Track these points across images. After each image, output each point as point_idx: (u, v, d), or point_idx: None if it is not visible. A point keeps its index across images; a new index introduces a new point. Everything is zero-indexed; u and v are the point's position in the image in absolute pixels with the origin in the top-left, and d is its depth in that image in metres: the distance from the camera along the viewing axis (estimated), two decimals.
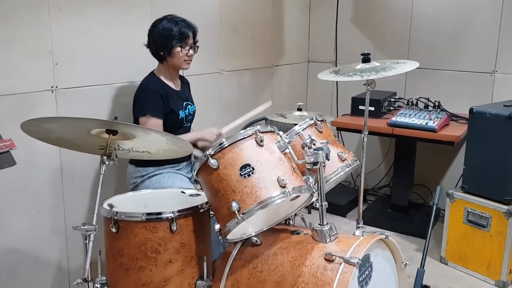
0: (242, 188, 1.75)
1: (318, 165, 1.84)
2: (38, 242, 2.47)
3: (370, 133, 2.95)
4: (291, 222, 2.17)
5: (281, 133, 1.94)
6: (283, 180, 1.75)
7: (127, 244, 1.90)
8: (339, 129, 3.62)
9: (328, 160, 1.90)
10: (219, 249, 2.25)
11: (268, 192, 1.73)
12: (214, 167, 1.79)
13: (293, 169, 1.84)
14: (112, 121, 1.68)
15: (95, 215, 1.71)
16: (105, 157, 1.76)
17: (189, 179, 2.61)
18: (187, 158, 2.67)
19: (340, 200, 3.90)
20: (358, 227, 2.44)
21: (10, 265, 2.35)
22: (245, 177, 1.76)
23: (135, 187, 2.51)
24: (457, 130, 3.22)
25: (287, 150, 1.86)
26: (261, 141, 1.82)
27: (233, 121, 2.75)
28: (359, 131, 3.47)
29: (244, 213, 1.72)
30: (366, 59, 2.34)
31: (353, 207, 3.98)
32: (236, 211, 1.72)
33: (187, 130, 2.69)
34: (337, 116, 4.13)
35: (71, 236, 2.61)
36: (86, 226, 1.67)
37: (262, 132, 1.84)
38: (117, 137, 1.79)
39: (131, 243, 1.90)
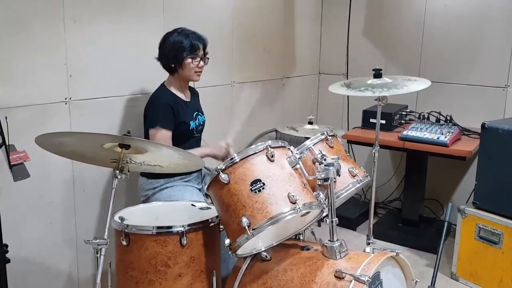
0: (252, 204, 1.75)
1: (329, 181, 1.84)
2: (50, 252, 2.49)
3: (381, 146, 2.94)
4: (301, 237, 2.16)
5: (292, 148, 1.94)
6: (293, 196, 1.75)
7: (138, 257, 1.91)
8: (350, 142, 3.60)
9: (339, 176, 1.90)
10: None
11: (279, 208, 1.73)
12: (225, 182, 1.80)
13: (304, 185, 1.84)
14: (125, 137, 1.69)
15: (106, 229, 1.71)
16: (117, 171, 1.78)
17: (199, 190, 2.62)
18: (198, 169, 2.68)
19: (350, 213, 3.88)
20: (369, 243, 2.43)
21: (22, 274, 2.36)
22: (255, 192, 1.76)
23: (146, 199, 2.53)
24: (469, 145, 3.19)
25: (298, 166, 1.86)
26: (272, 156, 1.82)
27: (232, 126, 2.75)
28: (370, 145, 3.47)
29: (254, 229, 1.72)
30: (377, 74, 2.34)
31: (363, 220, 3.96)
32: (246, 227, 1.72)
33: (197, 140, 2.71)
34: (348, 129, 4.13)
35: (81, 246, 2.63)
36: (97, 240, 1.68)
37: (273, 147, 1.85)
38: (130, 151, 1.80)
39: (141, 256, 1.91)
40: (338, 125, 4.30)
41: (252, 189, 1.76)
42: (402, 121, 3.68)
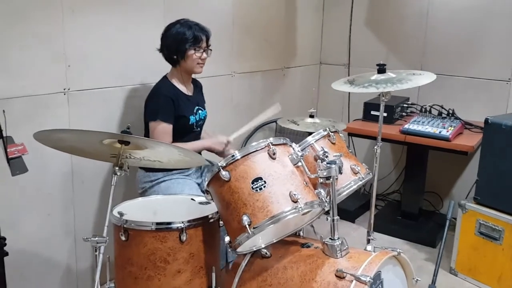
0: (253, 202, 1.73)
1: (331, 179, 1.81)
2: (48, 244, 2.48)
3: (382, 140, 2.90)
4: (301, 233, 2.14)
5: (293, 145, 1.91)
6: (295, 194, 1.73)
7: (136, 253, 1.90)
8: (350, 134, 3.57)
9: (341, 173, 1.88)
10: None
11: (280, 207, 1.71)
12: (226, 179, 1.78)
13: (305, 183, 1.82)
14: (124, 134, 1.66)
15: (105, 227, 1.69)
16: (116, 168, 1.75)
17: (198, 184, 2.60)
18: None
19: (349, 206, 3.86)
20: (369, 239, 2.41)
21: (20, 265, 2.35)
22: (256, 190, 1.73)
23: (144, 192, 2.50)
24: (471, 140, 3.17)
25: (299, 163, 1.84)
26: (274, 154, 1.80)
27: (242, 127, 2.73)
28: (371, 138, 3.45)
29: (255, 228, 1.70)
30: (381, 69, 2.30)
31: (362, 212, 3.95)
32: (247, 225, 1.70)
33: (197, 135, 2.68)
34: (349, 120, 4.10)
35: (80, 238, 2.61)
36: (96, 238, 1.66)
37: (275, 145, 1.82)
38: (130, 147, 1.77)
39: (140, 252, 1.89)
40: (339, 115, 4.27)
41: (253, 187, 1.74)
42: (404, 114, 3.64)
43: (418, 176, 3.63)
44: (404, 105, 3.65)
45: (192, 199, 2.23)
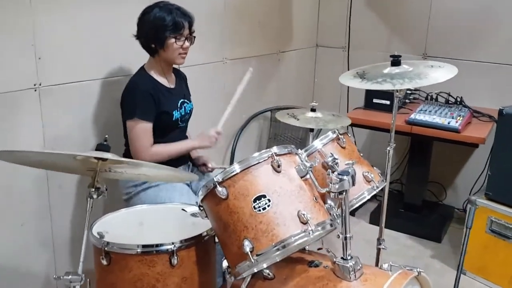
0: (256, 224, 1.48)
1: (344, 194, 1.58)
2: (23, 257, 2.23)
3: (386, 130, 2.69)
4: (307, 247, 1.92)
5: (300, 153, 1.66)
6: (304, 214, 1.48)
7: (121, 279, 1.66)
8: (352, 125, 3.31)
9: (354, 185, 1.64)
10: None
11: (288, 230, 1.47)
12: (223, 197, 1.53)
13: (315, 199, 1.58)
14: (99, 152, 1.39)
15: (80, 263, 1.44)
16: (92, 190, 1.47)
17: (189, 185, 2.36)
18: (185, 161, 2.41)
19: None
20: (379, 248, 2.20)
21: None
22: (259, 210, 1.49)
23: (129, 199, 2.25)
24: (481, 131, 2.94)
25: (308, 176, 1.60)
26: (279, 166, 1.54)
27: (224, 112, 2.46)
28: (375, 129, 3.21)
29: (259, 255, 1.46)
30: (396, 62, 2.03)
31: (362, 204, 3.73)
32: (249, 252, 1.46)
33: (183, 131, 2.43)
34: (347, 108, 3.85)
35: (58, 248, 2.38)
36: (70, 276, 1.41)
37: (280, 155, 1.57)
38: (109, 162, 1.51)
39: (125, 278, 1.65)
40: (336, 101, 4.02)
41: (256, 206, 1.49)
42: (407, 101, 3.41)
43: (422, 168, 3.42)
44: (407, 91, 3.41)
45: (183, 209, 1.98)
